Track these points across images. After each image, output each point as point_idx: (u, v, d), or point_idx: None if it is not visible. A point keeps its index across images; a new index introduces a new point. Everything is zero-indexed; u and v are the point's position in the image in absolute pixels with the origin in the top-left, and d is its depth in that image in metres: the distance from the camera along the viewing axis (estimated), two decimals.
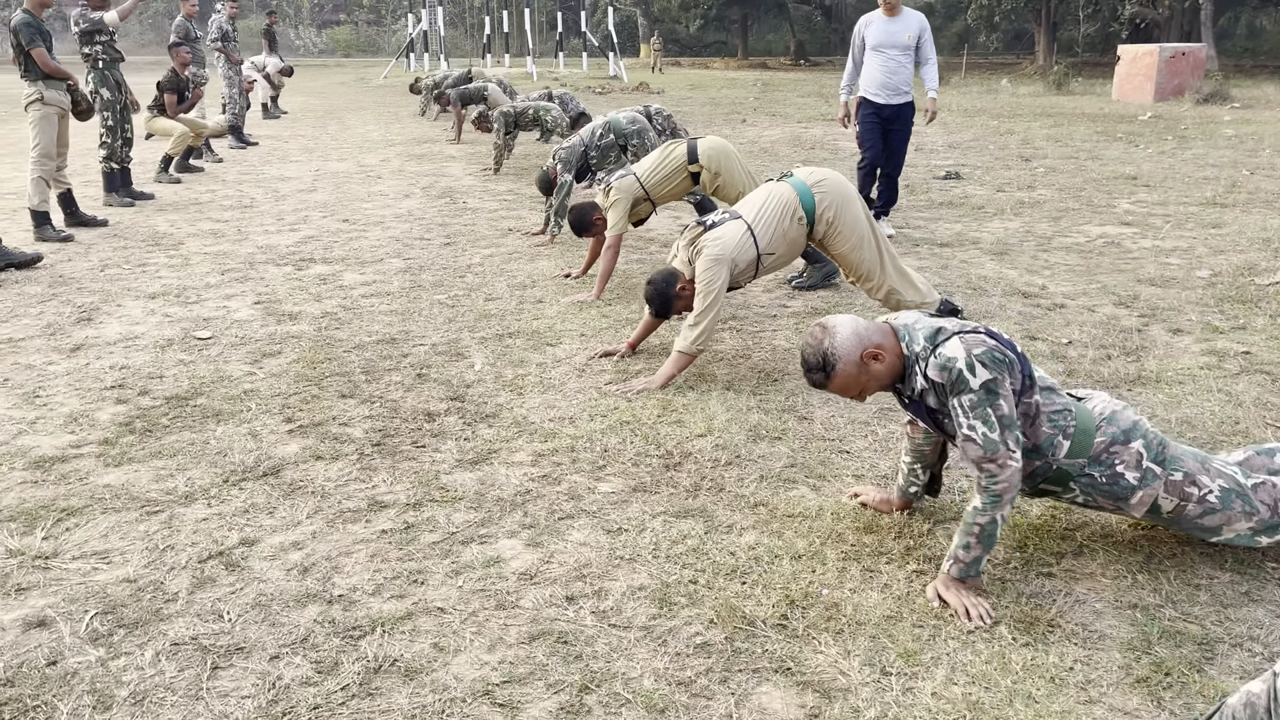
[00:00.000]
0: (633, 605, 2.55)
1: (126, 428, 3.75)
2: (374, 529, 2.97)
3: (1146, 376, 4.18)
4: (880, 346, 2.61)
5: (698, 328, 4.06)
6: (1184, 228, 7.29)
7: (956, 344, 2.51)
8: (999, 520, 2.48)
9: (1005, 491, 2.47)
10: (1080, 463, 2.63)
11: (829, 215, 4.26)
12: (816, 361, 2.63)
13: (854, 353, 2.60)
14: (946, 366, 2.50)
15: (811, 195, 4.25)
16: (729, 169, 5.52)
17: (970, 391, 2.47)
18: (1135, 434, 2.64)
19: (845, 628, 2.44)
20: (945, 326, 2.61)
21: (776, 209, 4.22)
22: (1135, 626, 2.44)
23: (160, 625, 2.48)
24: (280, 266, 6.42)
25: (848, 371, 2.60)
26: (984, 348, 2.50)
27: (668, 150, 5.60)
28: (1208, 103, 18.07)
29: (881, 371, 2.61)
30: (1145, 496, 2.62)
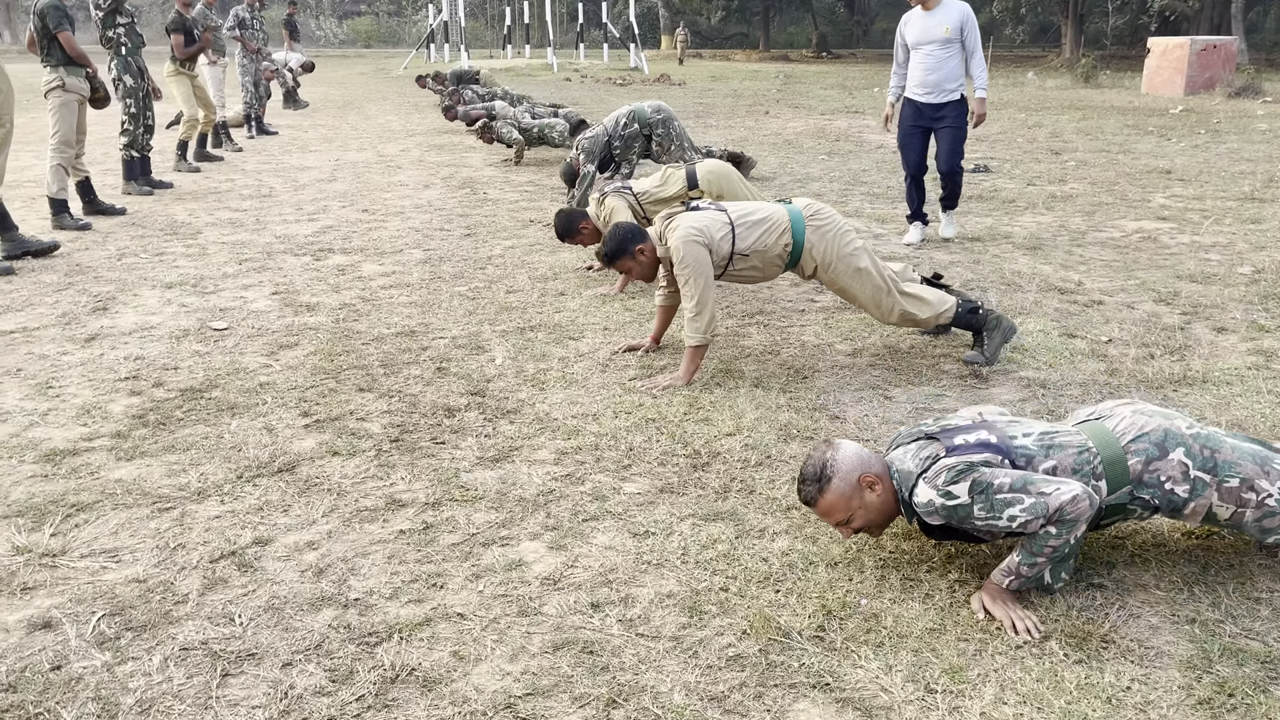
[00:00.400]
0: (661, 614, 2.43)
1: (139, 420, 3.66)
2: (391, 529, 2.86)
3: (1192, 377, 4.02)
4: (879, 478, 2.54)
5: (699, 318, 3.91)
6: (1222, 223, 7.09)
7: (923, 489, 2.45)
8: (1072, 540, 2.36)
9: (1080, 517, 2.33)
10: (1126, 491, 2.49)
11: (818, 254, 4.02)
12: (814, 472, 2.53)
13: (853, 474, 2.51)
14: (930, 511, 2.44)
15: (803, 227, 4.03)
16: (731, 191, 5.48)
17: (970, 506, 2.38)
18: (1171, 443, 2.49)
19: (886, 640, 2.31)
20: (910, 469, 2.51)
21: (765, 220, 4.03)
22: (1194, 643, 2.31)
23: (169, 628, 2.38)
24: (298, 256, 6.33)
25: (841, 490, 2.50)
26: (946, 473, 2.41)
27: (667, 174, 5.59)
28: (1239, 96, 17.75)
29: (874, 502, 2.53)
30: (1198, 506, 2.48)
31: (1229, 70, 19.28)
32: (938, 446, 2.50)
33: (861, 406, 3.76)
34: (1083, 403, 3.75)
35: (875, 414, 3.69)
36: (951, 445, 2.49)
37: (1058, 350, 4.36)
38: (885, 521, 2.58)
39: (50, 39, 6.90)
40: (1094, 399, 3.79)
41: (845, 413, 3.70)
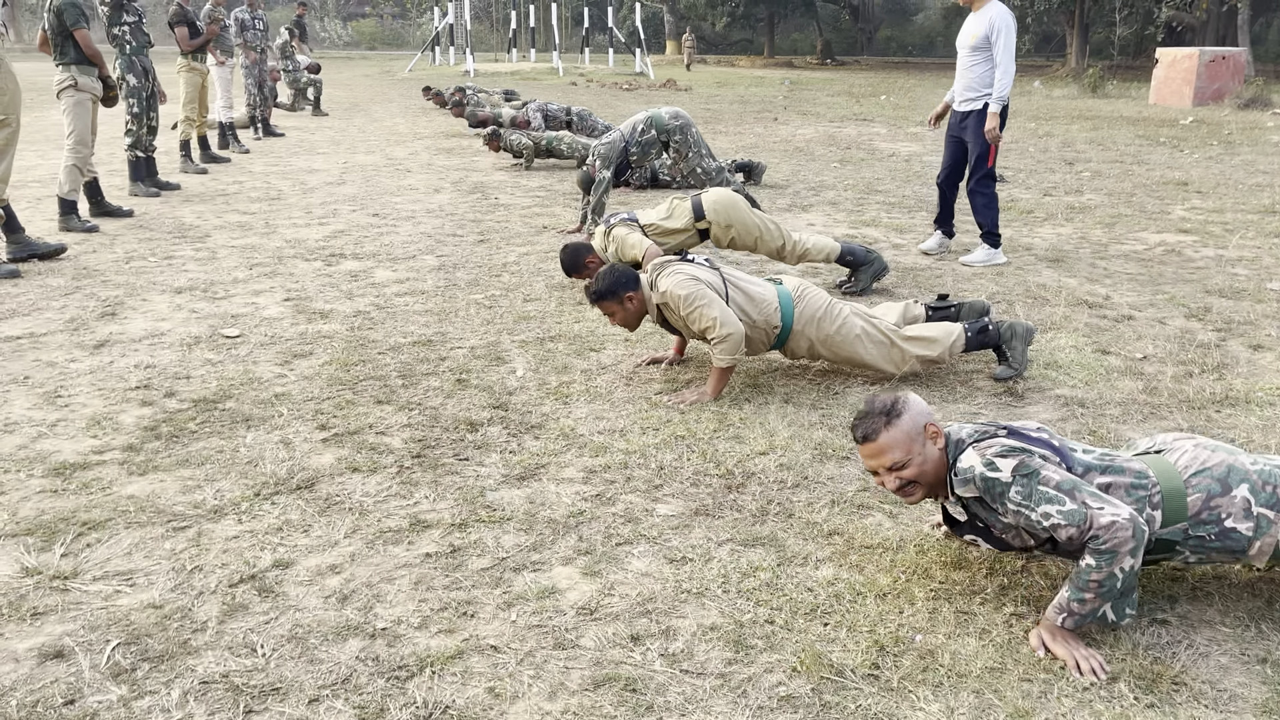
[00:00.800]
0: (705, 648, 2.31)
1: (151, 432, 3.54)
2: (417, 551, 2.74)
3: (1234, 396, 3.91)
4: (941, 434, 2.47)
5: (725, 342, 3.78)
6: (1246, 236, 6.99)
7: (970, 454, 2.38)
8: (1119, 574, 2.22)
9: (1119, 547, 2.20)
10: (1181, 527, 2.37)
11: (810, 332, 3.96)
12: (884, 406, 2.47)
13: (920, 418, 2.46)
14: (968, 478, 2.36)
15: (792, 310, 3.96)
16: (739, 219, 5.39)
17: (1008, 486, 2.29)
18: (1234, 479, 2.36)
19: (945, 680, 2.19)
20: (963, 438, 2.45)
21: (759, 295, 3.95)
22: (1267, 685, 2.19)
23: (188, 659, 2.25)
24: (310, 261, 6.22)
25: (909, 428, 2.43)
26: (999, 446, 2.34)
27: (673, 206, 5.50)
28: (1249, 108, 17.67)
29: (932, 455, 2.45)
30: (1265, 545, 2.34)
31: (1237, 81, 19.21)
32: (997, 429, 2.44)
33: None
34: (1123, 423, 3.64)
35: None
36: (1012, 430, 2.42)
37: (1092, 368, 4.24)
38: (932, 484, 2.46)
39: (65, 37, 6.79)
40: (1135, 419, 3.68)
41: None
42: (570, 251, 5.26)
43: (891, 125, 15.18)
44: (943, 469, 2.45)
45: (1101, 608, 2.25)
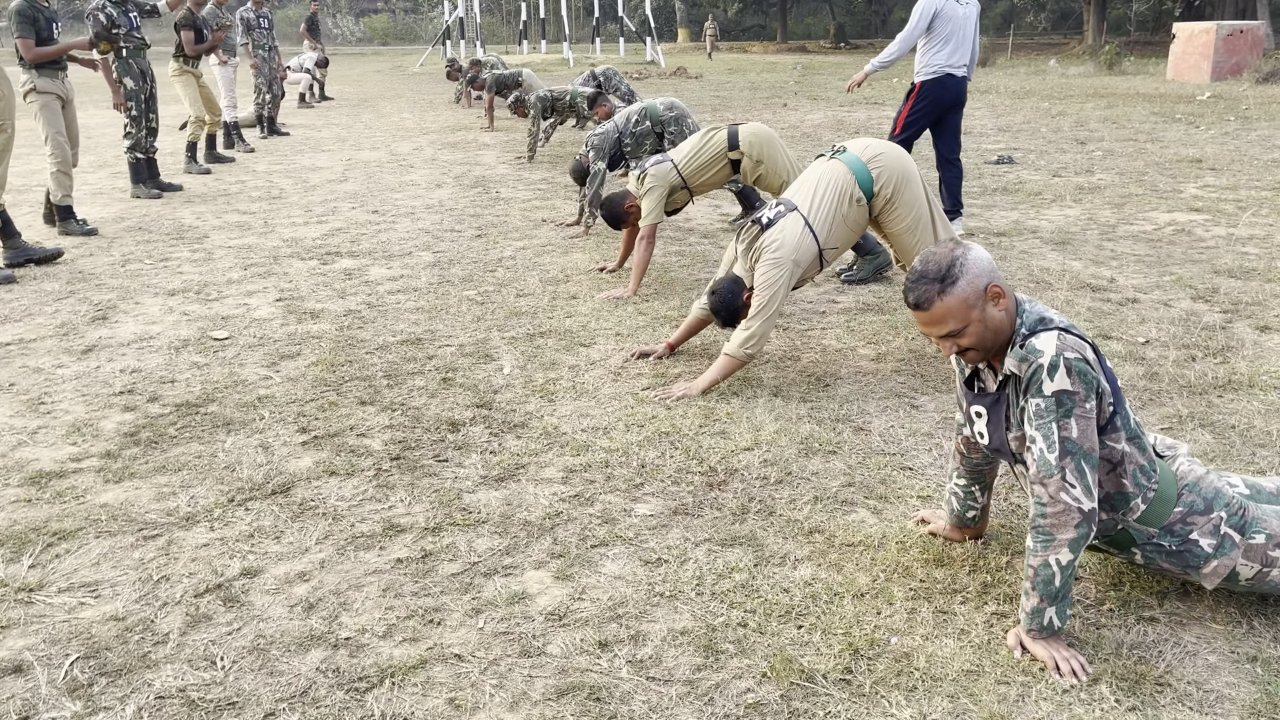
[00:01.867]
0: (674, 653, 2.25)
1: (131, 439, 3.50)
2: (388, 557, 2.69)
3: (1238, 381, 3.80)
4: (1006, 293, 2.23)
5: (750, 330, 3.73)
6: (1259, 214, 6.83)
7: (1050, 339, 2.15)
8: (1054, 565, 2.12)
9: (1056, 530, 2.12)
10: (1150, 531, 2.28)
11: (887, 192, 3.92)
12: (938, 269, 2.20)
13: (981, 278, 2.20)
14: (1028, 359, 2.16)
15: (868, 172, 3.90)
16: (771, 156, 5.17)
17: (1040, 395, 2.14)
18: (1218, 504, 2.28)
19: (919, 684, 2.12)
20: (1052, 318, 2.23)
21: (833, 194, 3.87)
22: (1256, 684, 2.10)
23: (146, 673, 2.21)
24: (305, 261, 6.18)
25: (966, 294, 2.18)
26: (1078, 355, 2.14)
27: (707, 136, 5.24)
28: (1268, 82, 17.35)
29: (994, 319, 2.21)
30: (1220, 566, 2.25)
31: (1256, 55, 18.87)
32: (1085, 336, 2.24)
33: (887, 417, 3.56)
34: None
35: (902, 425, 3.49)
36: (1096, 347, 2.23)
37: None
38: (991, 348, 2.25)
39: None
40: (1134, 406, 3.58)
41: (870, 424, 3.51)
42: (609, 204, 5.25)
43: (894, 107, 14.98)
44: (1005, 334, 2.23)
45: (1046, 611, 2.15)
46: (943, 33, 6.22)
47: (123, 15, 8.07)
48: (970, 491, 2.61)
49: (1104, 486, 2.26)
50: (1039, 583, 2.15)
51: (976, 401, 2.38)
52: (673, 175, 5.14)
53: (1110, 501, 2.27)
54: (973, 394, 2.40)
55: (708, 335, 4.44)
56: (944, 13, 6.20)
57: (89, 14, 7.95)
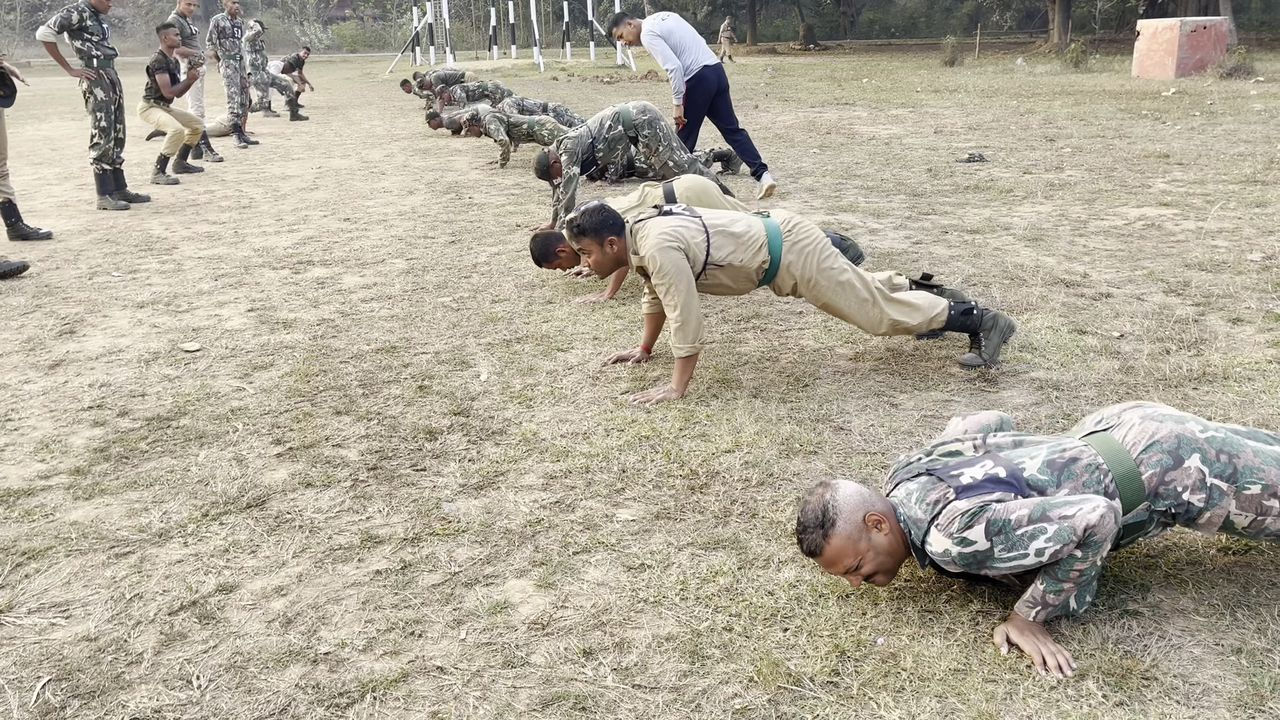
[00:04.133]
0: (660, 660, 2.23)
1: (101, 454, 3.44)
2: (367, 569, 2.65)
3: (1212, 373, 3.82)
4: (885, 516, 2.32)
5: (685, 328, 3.68)
6: (1227, 208, 6.90)
7: (937, 537, 2.25)
8: (1098, 562, 2.16)
9: (1108, 535, 2.14)
10: (1144, 506, 2.30)
11: (796, 270, 3.81)
12: (814, 518, 2.30)
13: (856, 513, 2.30)
14: (948, 560, 2.25)
15: (781, 244, 3.81)
16: (711, 205, 5.27)
17: (989, 551, 2.18)
18: (1185, 450, 2.29)
19: (906, 685, 2.11)
20: (919, 516, 2.30)
21: (743, 235, 3.80)
22: (1242, 676, 2.11)
23: (120, 694, 2.16)
24: (277, 270, 6.11)
25: (848, 532, 2.27)
26: (959, 519, 2.21)
27: (644, 193, 5.42)
28: (1231, 77, 17.57)
29: (882, 543, 2.30)
30: (1215, 516, 2.28)
31: (1219, 51, 19.09)
32: (945, 488, 2.29)
33: (866, 416, 3.56)
34: (1099, 405, 3.56)
35: (881, 424, 3.48)
36: (960, 486, 2.28)
37: (1068, 348, 4.16)
38: (896, 565, 2.35)
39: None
40: (1110, 400, 3.59)
41: (850, 423, 3.50)
42: (541, 240, 5.19)
43: (873, 108, 15.07)
44: (900, 547, 2.33)
45: (1070, 598, 2.18)
46: (679, 45, 7.52)
47: (96, 23, 7.99)
48: None
49: None
50: (1080, 580, 2.17)
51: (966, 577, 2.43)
52: None
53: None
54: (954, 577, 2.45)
55: None
56: (672, 31, 7.51)
57: (64, 8, 7.88)
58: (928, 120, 13.08)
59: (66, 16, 7.87)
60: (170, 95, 9.61)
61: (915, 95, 17.12)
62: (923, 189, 8.10)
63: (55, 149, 12.86)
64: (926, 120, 13.09)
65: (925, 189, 8.10)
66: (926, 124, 12.65)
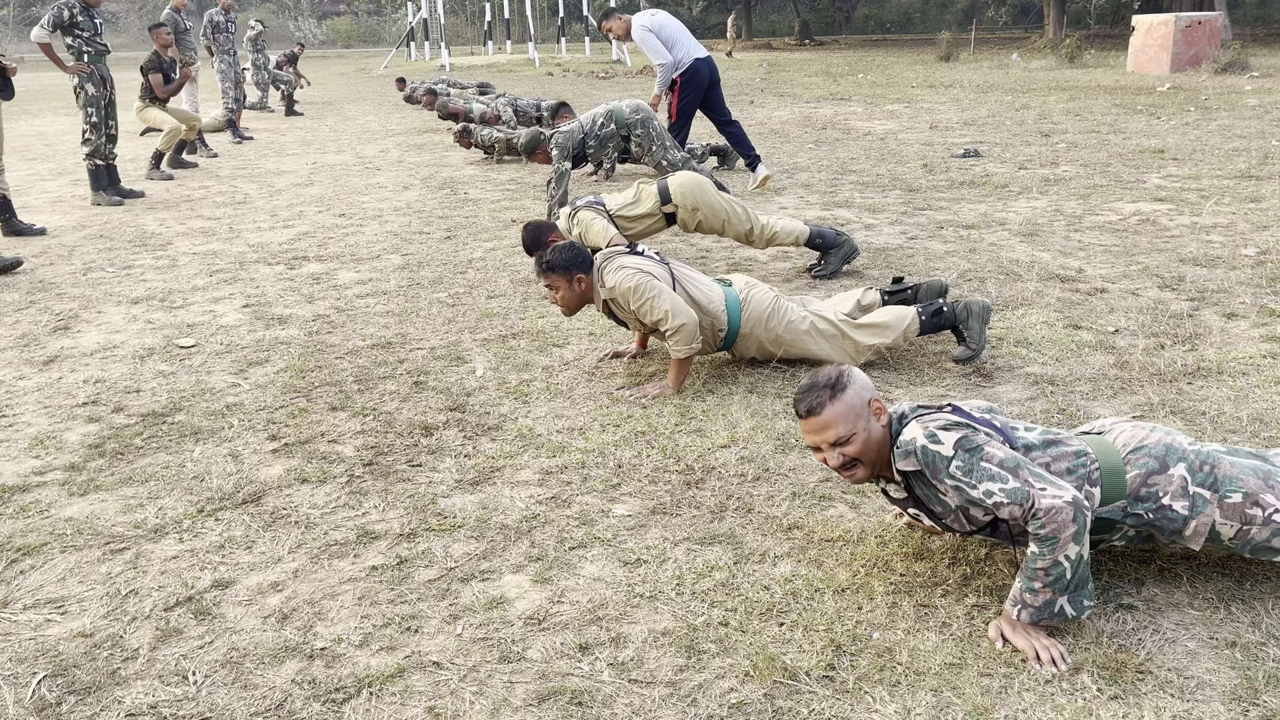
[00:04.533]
0: (656, 655, 2.23)
1: (96, 450, 3.43)
2: (363, 565, 2.65)
3: (1206, 368, 3.83)
4: (883, 410, 2.38)
5: (679, 333, 3.70)
6: (1221, 203, 6.91)
7: (914, 426, 2.30)
8: (1065, 562, 2.13)
9: (1059, 532, 2.12)
10: (1120, 505, 2.30)
11: (759, 333, 3.90)
12: (828, 379, 2.36)
13: (864, 392, 2.37)
14: (909, 450, 2.27)
15: (739, 312, 3.88)
16: (706, 202, 5.26)
17: (949, 460, 2.21)
18: (1172, 458, 2.31)
19: (902, 679, 2.11)
20: (905, 412, 2.39)
21: (707, 294, 3.86)
22: (1237, 670, 2.11)
23: (116, 690, 2.16)
24: (272, 266, 6.10)
25: (853, 403, 2.33)
26: (943, 420, 2.27)
27: (639, 191, 5.36)
28: (1226, 72, 17.58)
29: (875, 433, 2.35)
30: (1199, 525, 2.27)
31: (1214, 46, 19.10)
32: (943, 407, 2.37)
33: None
34: (1093, 400, 3.57)
35: None
36: (956, 407, 2.35)
37: (1063, 343, 4.16)
38: (875, 463, 2.37)
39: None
40: (1105, 395, 3.60)
41: None
42: (532, 230, 5.15)
43: (868, 104, 15.07)
44: (886, 447, 2.37)
45: (1057, 601, 2.16)
46: (670, 39, 7.54)
47: (87, 19, 7.97)
48: None
49: None
50: (1050, 581, 2.15)
51: (907, 505, 2.45)
52: (603, 218, 5.19)
53: None
54: (898, 503, 2.48)
55: None
56: (662, 25, 7.56)
57: (55, 6, 7.85)
58: (923, 116, 13.09)
59: (58, 14, 7.85)
60: (164, 96, 9.61)
61: (911, 91, 17.12)
62: (918, 184, 8.10)
63: (49, 144, 12.83)
64: (922, 116, 13.10)
65: (920, 184, 8.10)
66: (922, 119, 12.66)
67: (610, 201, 5.35)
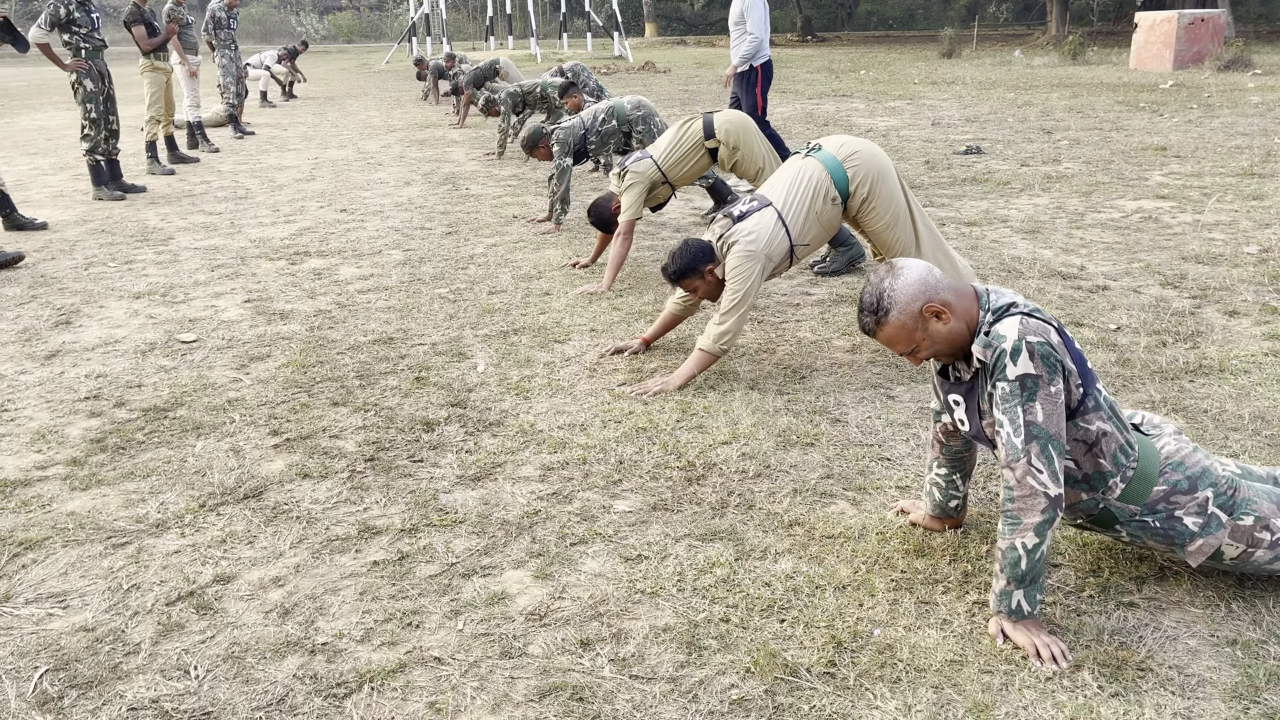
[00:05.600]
0: (657, 651, 2.23)
1: (98, 445, 3.44)
2: (364, 560, 2.66)
3: (1208, 365, 3.83)
4: (947, 305, 2.25)
5: (724, 325, 3.72)
6: (1224, 200, 6.90)
7: (1012, 324, 2.17)
8: (1020, 549, 2.13)
9: (1022, 514, 2.13)
10: (1132, 509, 2.30)
11: (863, 191, 3.91)
12: (871, 303, 2.31)
13: (914, 303, 2.26)
14: (992, 344, 2.18)
15: (844, 170, 3.89)
16: (747, 143, 5.17)
17: (1005, 380, 2.16)
18: (1203, 483, 2.29)
19: (903, 676, 2.11)
20: (1016, 303, 2.25)
21: (808, 191, 3.86)
22: (1238, 668, 2.11)
23: (117, 685, 2.16)
24: (273, 261, 6.10)
25: (901, 321, 2.27)
26: (1041, 339, 2.15)
27: (684, 127, 5.24)
28: (1229, 70, 17.56)
29: (941, 332, 2.26)
30: (1205, 545, 2.27)
31: (1217, 43, 19.08)
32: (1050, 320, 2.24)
33: (863, 408, 3.56)
34: None
35: (878, 415, 3.49)
36: (1061, 329, 2.24)
37: None
38: (956, 351, 2.30)
39: None
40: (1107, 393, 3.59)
41: (847, 415, 3.50)
42: (597, 209, 5.30)
43: (870, 100, 15.05)
44: (962, 336, 2.26)
45: (1013, 594, 2.16)
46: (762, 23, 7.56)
47: (84, 14, 7.95)
48: (952, 480, 2.61)
49: (1082, 466, 2.27)
50: (1006, 565, 2.17)
51: (953, 390, 2.39)
52: (653, 171, 5.14)
53: (1089, 481, 2.28)
54: (949, 383, 2.41)
55: (683, 329, 4.43)
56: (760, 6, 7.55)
57: (51, 4, 7.83)
58: (925, 112, 13.08)
59: (54, 11, 7.83)
60: (146, 48, 9.43)
61: (913, 87, 17.10)
62: (920, 181, 8.09)
63: (50, 139, 12.82)
64: (924, 112, 13.09)
65: (922, 181, 8.09)
66: (924, 116, 12.65)
67: (656, 150, 5.26)
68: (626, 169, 5.15)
